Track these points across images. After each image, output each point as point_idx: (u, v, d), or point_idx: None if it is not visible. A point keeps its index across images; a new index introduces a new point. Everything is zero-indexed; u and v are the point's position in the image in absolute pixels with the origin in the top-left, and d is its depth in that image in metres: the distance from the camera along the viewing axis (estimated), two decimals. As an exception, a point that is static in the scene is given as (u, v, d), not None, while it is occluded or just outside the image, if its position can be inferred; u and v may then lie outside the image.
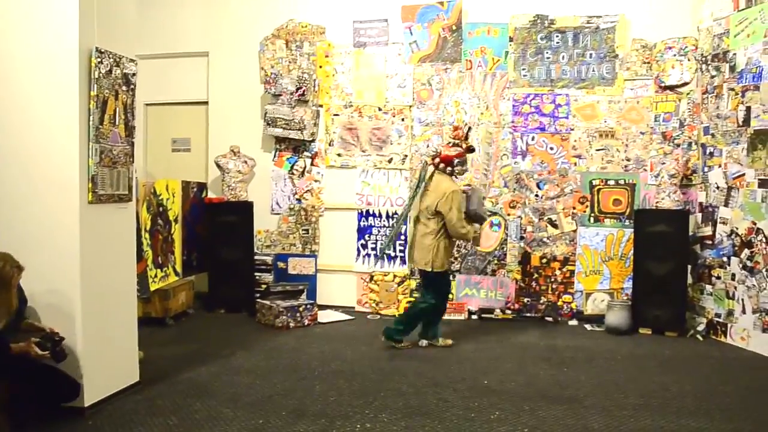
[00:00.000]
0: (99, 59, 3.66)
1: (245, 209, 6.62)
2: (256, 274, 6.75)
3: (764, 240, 5.27)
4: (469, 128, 5.57)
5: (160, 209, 5.87)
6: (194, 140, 7.55)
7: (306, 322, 6.03)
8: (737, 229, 5.56)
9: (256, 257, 6.77)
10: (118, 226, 3.97)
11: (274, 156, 7.00)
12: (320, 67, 6.86)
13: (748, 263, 5.43)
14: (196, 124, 7.45)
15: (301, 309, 6.03)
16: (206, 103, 7.22)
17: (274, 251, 6.94)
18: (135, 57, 4.01)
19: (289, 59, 6.86)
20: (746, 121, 5.49)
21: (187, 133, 7.60)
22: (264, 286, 6.61)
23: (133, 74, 3.99)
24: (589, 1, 6.43)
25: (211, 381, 4.30)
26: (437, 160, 5.22)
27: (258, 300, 6.23)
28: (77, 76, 3.56)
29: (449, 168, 5.19)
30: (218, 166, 6.76)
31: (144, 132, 7.42)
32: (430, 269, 5.12)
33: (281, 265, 6.84)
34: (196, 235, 6.59)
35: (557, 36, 6.47)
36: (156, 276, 5.70)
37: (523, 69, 6.53)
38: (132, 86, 3.99)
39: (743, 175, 5.52)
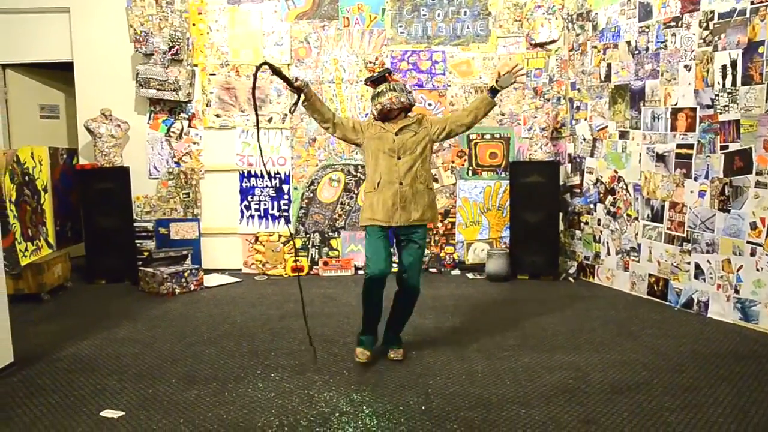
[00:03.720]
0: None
1: (121, 175, 6.33)
2: (137, 241, 6.51)
3: (625, 187, 5.69)
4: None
5: (26, 178, 5.51)
6: (63, 106, 7.10)
7: (192, 287, 5.94)
8: (602, 177, 5.96)
9: (135, 224, 6.52)
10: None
11: (149, 118, 6.71)
12: (194, 24, 6.59)
13: (611, 209, 5.86)
14: (64, 88, 6.99)
15: (186, 274, 5.91)
16: (71, 63, 6.77)
17: (155, 217, 6.72)
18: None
19: (159, 16, 6.53)
20: (608, 77, 5.84)
21: (56, 98, 7.21)
22: (146, 254, 6.38)
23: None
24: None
25: (95, 355, 4.16)
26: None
27: (141, 268, 6.04)
28: None
29: None
30: (89, 130, 6.39)
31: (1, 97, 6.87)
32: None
33: (163, 230, 6.65)
34: (69, 205, 6.27)
35: (432, -7, 6.57)
36: (26, 249, 5.38)
37: (400, 26, 6.58)
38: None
39: (606, 127, 5.89)
